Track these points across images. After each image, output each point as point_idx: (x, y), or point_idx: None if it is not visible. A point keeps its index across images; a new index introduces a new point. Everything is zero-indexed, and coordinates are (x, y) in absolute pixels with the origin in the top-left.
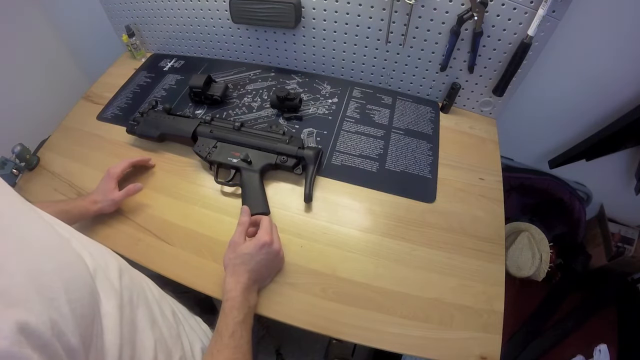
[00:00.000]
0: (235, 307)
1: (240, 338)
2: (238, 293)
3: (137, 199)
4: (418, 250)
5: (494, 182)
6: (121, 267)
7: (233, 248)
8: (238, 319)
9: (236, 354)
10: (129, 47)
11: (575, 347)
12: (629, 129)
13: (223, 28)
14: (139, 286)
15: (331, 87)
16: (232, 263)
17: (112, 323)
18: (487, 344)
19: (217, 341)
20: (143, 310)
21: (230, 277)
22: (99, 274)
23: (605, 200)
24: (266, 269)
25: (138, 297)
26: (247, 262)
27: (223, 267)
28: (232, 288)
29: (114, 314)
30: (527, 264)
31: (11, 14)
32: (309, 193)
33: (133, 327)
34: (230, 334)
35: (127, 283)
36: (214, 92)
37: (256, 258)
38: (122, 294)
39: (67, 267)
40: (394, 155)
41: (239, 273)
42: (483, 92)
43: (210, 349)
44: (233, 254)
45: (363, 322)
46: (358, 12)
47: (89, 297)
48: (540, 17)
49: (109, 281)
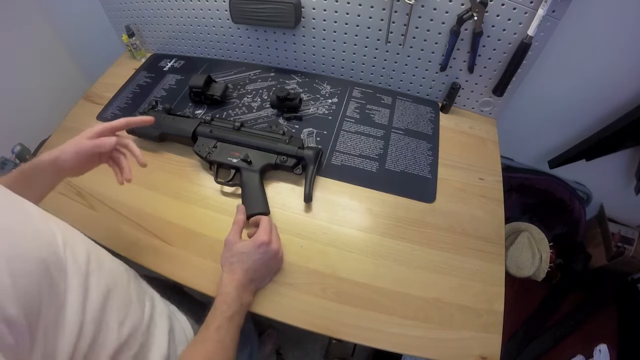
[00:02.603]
0: (226, 302)
1: (226, 333)
2: (231, 289)
3: (137, 199)
4: (418, 250)
5: (494, 182)
6: (89, 250)
7: (229, 247)
8: (227, 314)
9: (217, 348)
10: (128, 47)
11: (575, 347)
12: (629, 129)
13: (223, 28)
14: (110, 270)
15: (331, 87)
16: (229, 261)
17: (75, 300)
18: (487, 344)
19: (202, 332)
20: (114, 294)
21: (226, 275)
22: (69, 252)
23: (605, 200)
24: (264, 269)
25: (108, 279)
26: (244, 261)
27: (220, 266)
28: (226, 284)
29: (79, 291)
30: (527, 264)
31: (11, 13)
32: (309, 193)
33: (101, 307)
34: (217, 327)
35: (94, 266)
36: (214, 92)
37: (253, 257)
38: (89, 274)
39: (17, 241)
40: (393, 155)
41: (235, 271)
42: (483, 92)
43: (194, 339)
44: (229, 253)
45: (363, 322)
46: (358, 12)
47: (42, 273)
48: (540, 17)
49: (75, 262)
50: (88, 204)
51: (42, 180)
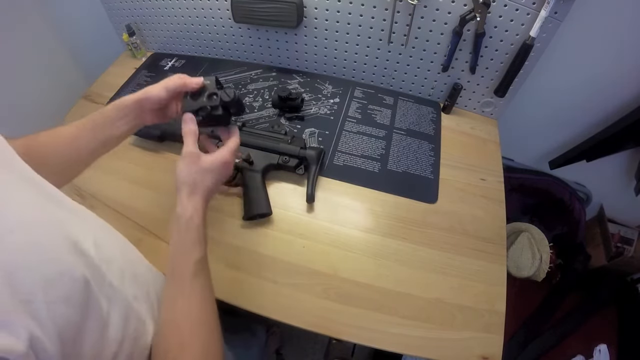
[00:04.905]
0: (198, 241)
1: (205, 279)
2: (200, 221)
3: (137, 199)
4: (419, 250)
5: (495, 182)
6: (122, 248)
7: (193, 160)
8: (201, 254)
9: (201, 304)
10: (129, 46)
11: (575, 347)
12: (629, 130)
13: (224, 27)
14: (141, 274)
15: (333, 87)
16: (192, 178)
17: (117, 316)
18: (488, 344)
19: (178, 284)
20: (146, 305)
21: (189, 197)
22: (102, 257)
23: (605, 200)
24: (216, 188)
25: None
26: (206, 180)
27: (177, 182)
28: (192, 213)
29: (120, 304)
30: (527, 264)
31: (10, 12)
32: (311, 193)
33: (139, 324)
34: (193, 274)
35: (127, 269)
36: (223, 98)
37: (216, 176)
38: (124, 276)
39: (51, 259)
40: (395, 155)
41: (198, 192)
42: (484, 93)
43: (169, 296)
44: (195, 167)
45: (364, 322)
46: (360, 12)
47: (79, 294)
48: (543, 18)
49: (109, 267)
50: (88, 204)
51: (118, 122)
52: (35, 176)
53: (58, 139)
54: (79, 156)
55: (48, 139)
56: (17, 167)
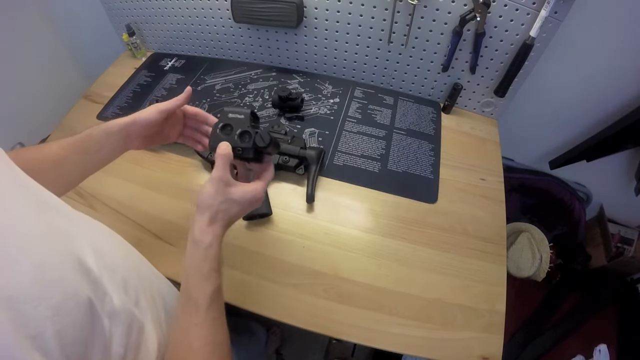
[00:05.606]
0: (215, 269)
1: (220, 305)
2: (219, 249)
3: (138, 199)
4: (420, 250)
5: (495, 182)
6: (125, 255)
7: (222, 188)
8: (218, 282)
9: (216, 330)
10: (129, 46)
11: (575, 347)
12: (629, 130)
13: (224, 27)
14: (146, 284)
15: (333, 87)
16: (217, 207)
17: (119, 333)
18: (488, 344)
19: (193, 312)
20: (150, 309)
21: (210, 224)
22: (103, 269)
23: (605, 200)
24: (239, 217)
25: (145, 298)
26: (230, 210)
27: (199, 204)
28: (211, 241)
29: (122, 322)
30: (527, 264)
31: (10, 12)
32: (311, 193)
33: (139, 332)
34: (209, 304)
35: (131, 276)
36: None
37: (244, 208)
38: (127, 287)
39: (57, 284)
40: (395, 155)
41: (220, 220)
42: (484, 93)
43: (185, 320)
44: (222, 197)
45: (365, 323)
46: (360, 12)
47: (84, 317)
48: (543, 18)
49: (112, 280)
50: (88, 203)
51: (106, 147)
52: (30, 182)
53: (44, 163)
54: (66, 179)
55: (36, 155)
56: (14, 172)
